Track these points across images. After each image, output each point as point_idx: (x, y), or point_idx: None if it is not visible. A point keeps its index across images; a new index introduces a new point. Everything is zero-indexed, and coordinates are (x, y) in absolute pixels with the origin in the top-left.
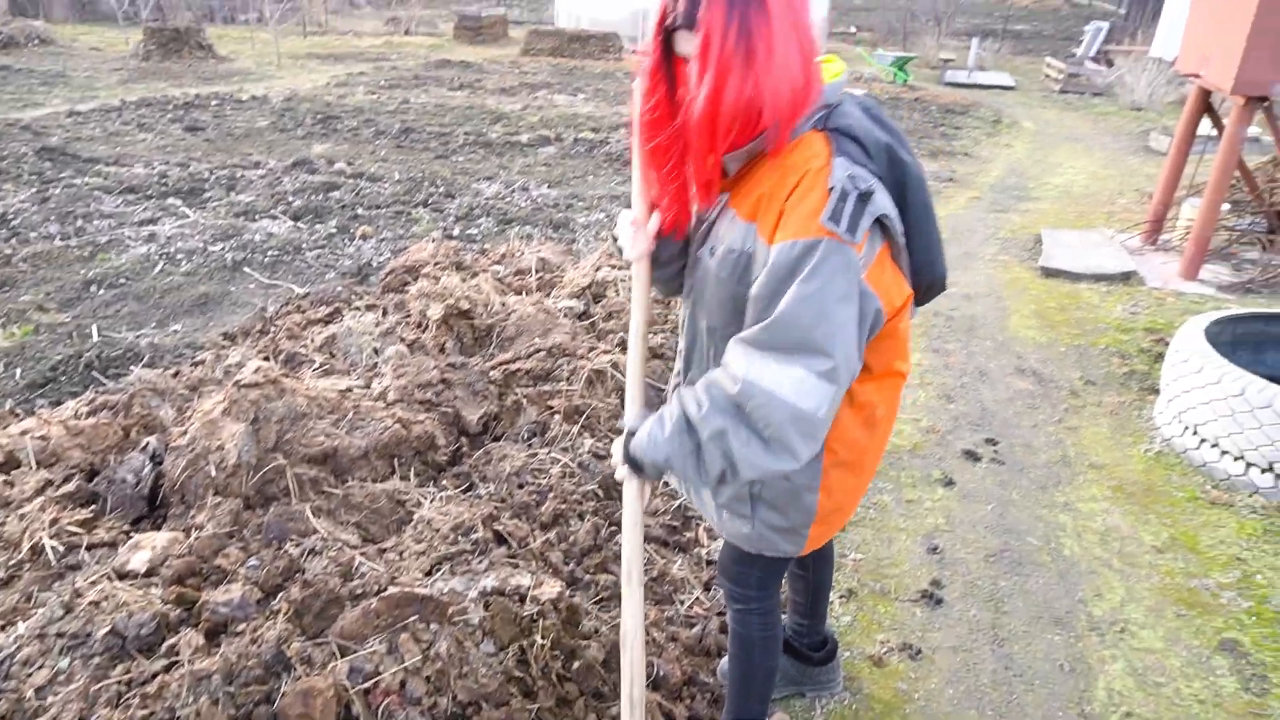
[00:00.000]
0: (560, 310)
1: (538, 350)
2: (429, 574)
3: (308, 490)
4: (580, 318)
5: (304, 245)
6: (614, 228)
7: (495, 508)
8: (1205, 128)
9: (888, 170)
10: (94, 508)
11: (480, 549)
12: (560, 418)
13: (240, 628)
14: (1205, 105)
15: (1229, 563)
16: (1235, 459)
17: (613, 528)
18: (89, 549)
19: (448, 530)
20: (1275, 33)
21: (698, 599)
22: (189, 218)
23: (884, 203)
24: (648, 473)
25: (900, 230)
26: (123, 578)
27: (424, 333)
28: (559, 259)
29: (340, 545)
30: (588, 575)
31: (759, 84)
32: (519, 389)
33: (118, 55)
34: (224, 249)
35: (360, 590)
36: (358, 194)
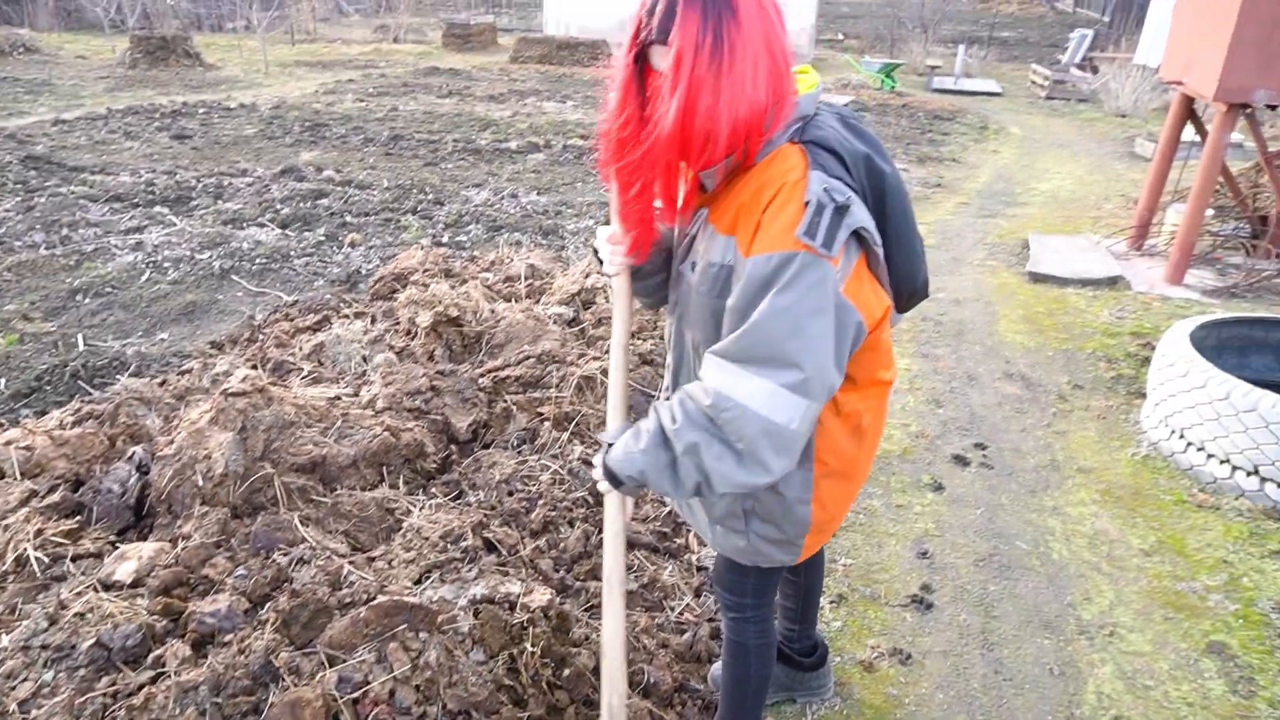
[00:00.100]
0: (549, 317)
1: (527, 357)
2: (418, 582)
3: (296, 499)
4: (569, 324)
5: (292, 253)
6: (594, 240)
7: (485, 515)
8: (1189, 134)
9: (866, 180)
10: (79, 518)
11: (470, 557)
12: (550, 425)
13: (228, 638)
14: (1189, 112)
15: (1216, 565)
16: (1221, 462)
17: (603, 535)
18: (74, 560)
19: (437, 538)
20: (1256, 41)
21: (688, 605)
22: (176, 226)
23: (861, 215)
24: (626, 486)
25: (878, 241)
26: (108, 589)
27: (413, 340)
28: (548, 266)
29: (329, 554)
30: (578, 582)
31: (733, 98)
32: (508, 396)
33: (104, 63)
34: (211, 257)
35: (349, 599)
36: (346, 201)
